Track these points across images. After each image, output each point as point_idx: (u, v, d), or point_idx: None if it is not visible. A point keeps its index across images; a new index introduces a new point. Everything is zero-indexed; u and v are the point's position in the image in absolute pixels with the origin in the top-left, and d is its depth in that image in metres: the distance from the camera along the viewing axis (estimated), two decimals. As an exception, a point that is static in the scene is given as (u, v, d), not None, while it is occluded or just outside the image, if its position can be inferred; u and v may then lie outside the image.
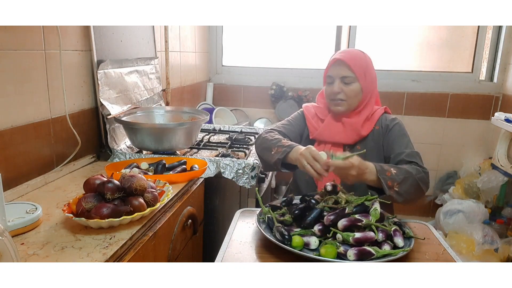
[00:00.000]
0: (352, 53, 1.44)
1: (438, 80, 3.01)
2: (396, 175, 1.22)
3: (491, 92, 2.92)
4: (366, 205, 1.12)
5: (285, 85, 3.12)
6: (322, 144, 1.47)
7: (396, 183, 1.21)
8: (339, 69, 1.41)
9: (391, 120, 1.46)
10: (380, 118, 1.47)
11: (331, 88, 1.42)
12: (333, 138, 1.45)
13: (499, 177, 2.52)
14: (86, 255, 0.90)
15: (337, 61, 1.41)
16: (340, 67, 1.41)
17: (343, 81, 1.41)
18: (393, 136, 1.42)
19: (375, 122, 1.46)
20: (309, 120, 1.53)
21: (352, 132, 1.43)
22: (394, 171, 1.23)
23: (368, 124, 1.45)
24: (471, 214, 2.51)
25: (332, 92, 1.42)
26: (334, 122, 1.46)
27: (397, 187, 1.20)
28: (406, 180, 1.22)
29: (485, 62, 2.95)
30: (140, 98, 1.95)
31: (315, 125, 1.50)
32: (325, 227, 1.06)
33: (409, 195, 1.23)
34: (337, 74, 1.41)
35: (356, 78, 1.40)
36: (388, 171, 1.22)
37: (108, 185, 1.04)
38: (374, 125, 1.46)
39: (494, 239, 2.33)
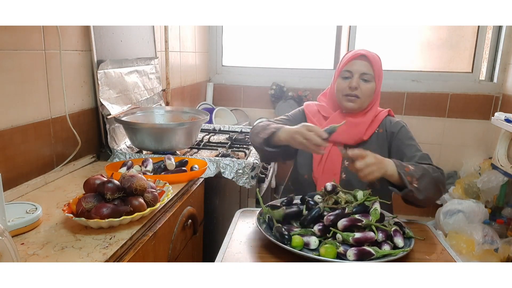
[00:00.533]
0: (373, 53, 1.42)
1: (438, 80, 3.01)
2: (414, 172, 1.20)
3: (491, 92, 2.92)
4: (366, 205, 1.12)
5: (285, 85, 3.12)
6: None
7: (415, 178, 1.18)
8: (360, 65, 1.38)
9: (396, 123, 1.44)
10: (384, 121, 1.45)
11: (348, 83, 1.39)
12: (335, 138, 1.40)
13: (499, 177, 2.52)
14: (86, 255, 0.90)
15: (360, 56, 1.38)
16: (362, 62, 1.38)
17: (362, 78, 1.38)
18: (401, 141, 1.40)
19: (378, 124, 1.44)
20: (309, 118, 1.50)
21: (356, 133, 1.41)
22: (412, 168, 1.21)
23: (371, 126, 1.43)
24: (471, 214, 2.51)
25: (349, 87, 1.38)
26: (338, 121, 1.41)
27: (416, 183, 1.18)
28: (424, 176, 1.20)
29: (485, 62, 2.95)
30: (140, 98, 1.95)
31: (317, 123, 1.46)
32: (325, 227, 1.06)
33: (428, 192, 1.20)
34: (358, 69, 1.38)
35: (373, 77, 1.39)
36: (406, 167, 1.20)
37: (108, 185, 1.04)
38: (377, 127, 1.44)
39: (494, 239, 2.33)
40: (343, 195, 1.17)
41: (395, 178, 1.19)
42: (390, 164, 1.20)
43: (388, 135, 1.43)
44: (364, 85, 1.38)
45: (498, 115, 2.38)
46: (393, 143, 1.41)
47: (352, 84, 1.38)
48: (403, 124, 1.44)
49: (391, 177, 1.19)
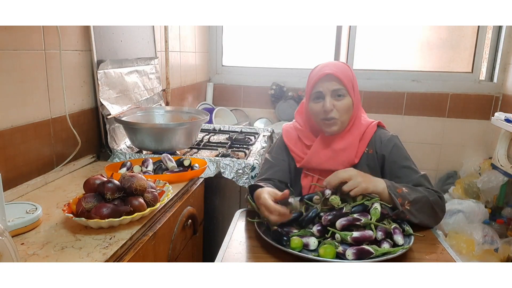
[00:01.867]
0: (338, 65, 1.31)
1: (438, 80, 3.01)
2: (407, 194, 1.14)
3: (491, 92, 2.92)
4: (366, 205, 1.12)
5: (285, 85, 3.13)
6: (311, 172, 1.34)
7: (407, 201, 1.13)
8: (329, 84, 1.27)
9: (387, 142, 1.31)
10: (373, 139, 1.32)
11: (321, 106, 1.27)
12: (323, 166, 1.31)
13: (499, 177, 2.52)
14: (86, 255, 0.90)
15: (327, 75, 1.26)
16: (330, 81, 1.27)
17: (334, 96, 1.27)
18: (395, 163, 1.29)
19: (366, 144, 1.32)
20: (291, 149, 1.37)
21: (344, 158, 1.30)
22: (406, 190, 1.15)
23: (360, 147, 1.31)
24: (471, 214, 2.51)
25: (323, 110, 1.27)
26: (323, 148, 1.31)
27: (409, 206, 1.13)
28: (418, 200, 1.15)
29: (485, 62, 2.95)
30: (140, 98, 1.95)
31: (300, 153, 1.35)
32: (323, 228, 1.06)
33: (423, 216, 1.16)
34: (327, 88, 1.27)
35: (347, 91, 1.27)
36: (399, 188, 1.15)
37: (108, 185, 1.04)
38: (366, 147, 1.32)
39: (494, 239, 2.33)
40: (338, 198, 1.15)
41: (386, 198, 1.15)
42: (379, 182, 1.15)
43: (378, 157, 1.31)
44: (338, 103, 1.27)
45: (498, 115, 2.38)
46: (386, 165, 1.30)
47: (326, 106, 1.26)
48: (395, 141, 1.31)
49: (380, 195, 1.15)
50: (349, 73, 1.31)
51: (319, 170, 1.32)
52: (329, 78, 1.27)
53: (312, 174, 1.34)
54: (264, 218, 1.13)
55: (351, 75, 1.32)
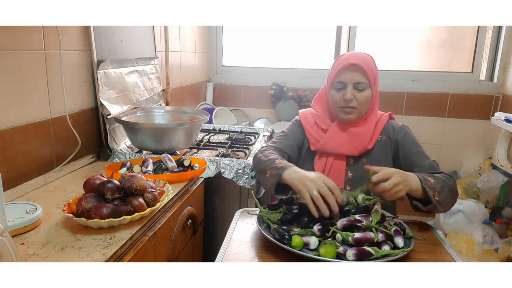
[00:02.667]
0: (364, 57, 1.33)
1: (438, 80, 3.01)
2: (435, 185, 1.16)
3: (491, 92, 2.92)
4: (367, 206, 1.12)
5: (285, 85, 3.12)
6: (324, 155, 1.37)
7: (437, 192, 1.15)
8: (353, 75, 1.29)
9: (399, 129, 1.37)
10: (386, 127, 1.38)
11: (342, 95, 1.31)
12: (338, 150, 1.34)
13: (499, 177, 2.52)
14: (86, 255, 0.90)
15: (351, 65, 1.28)
16: (354, 72, 1.29)
17: (356, 88, 1.30)
18: (408, 149, 1.34)
19: (380, 131, 1.37)
20: (308, 130, 1.41)
21: (359, 143, 1.34)
22: (433, 180, 1.17)
23: (374, 134, 1.36)
24: (471, 214, 2.51)
25: (344, 99, 1.30)
26: (339, 132, 1.35)
27: (438, 196, 1.15)
28: (443, 188, 1.17)
29: (485, 62, 2.95)
30: (140, 98, 1.95)
31: (316, 136, 1.38)
32: (324, 227, 1.06)
33: (447, 204, 1.19)
34: (351, 79, 1.29)
35: (369, 84, 1.30)
36: (428, 180, 1.17)
37: (108, 185, 1.04)
38: (380, 134, 1.37)
39: (494, 239, 2.33)
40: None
41: (419, 193, 1.15)
42: (414, 179, 1.16)
43: (392, 143, 1.37)
44: (359, 94, 1.30)
45: (498, 115, 2.38)
46: (400, 151, 1.35)
47: (346, 96, 1.29)
48: (406, 129, 1.38)
49: (415, 192, 1.15)
50: (373, 65, 1.35)
51: (334, 154, 1.36)
52: (354, 68, 1.30)
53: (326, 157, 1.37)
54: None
55: (375, 67, 1.36)
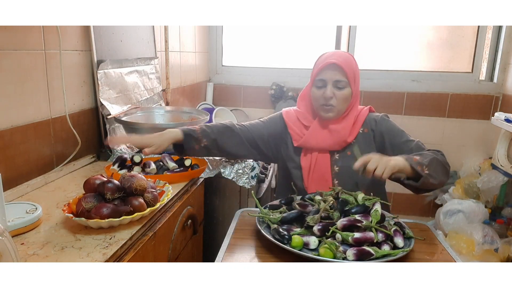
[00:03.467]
0: (344, 56, 1.37)
1: (438, 80, 3.00)
2: (422, 159, 1.21)
3: (491, 92, 2.92)
4: (367, 206, 1.12)
5: (285, 85, 3.12)
6: (309, 152, 1.42)
7: (424, 166, 1.19)
8: (332, 73, 1.34)
9: (380, 120, 1.42)
10: (367, 120, 1.43)
11: (322, 93, 1.36)
12: (320, 145, 1.40)
13: (499, 177, 2.52)
14: (86, 255, 0.90)
15: (331, 64, 1.34)
16: (334, 71, 1.34)
17: (335, 86, 1.35)
18: (393, 137, 1.39)
19: (361, 124, 1.42)
20: (290, 126, 1.46)
21: (339, 138, 1.39)
22: (418, 157, 1.22)
23: (354, 128, 1.41)
24: (471, 214, 2.51)
25: (323, 97, 1.36)
26: (320, 129, 1.41)
27: (427, 170, 1.19)
28: (431, 162, 1.21)
29: (485, 62, 2.95)
30: (140, 98, 1.95)
31: (299, 132, 1.44)
32: (324, 227, 1.06)
33: (439, 175, 1.22)
34: (330, 78, 1.34)
35: (348, 83, 1.35)
36: (413, 158, 1.21)
37: (108, 185, 1.04)
38: (361, 127, 1.42)
39: (494, 239, 2.32)
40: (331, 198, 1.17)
41: (408, 171, 1.20)
42: (398, 159, 1.20)
43: (376, 135, 1.41)
44: (339, 93, 1.35)
45: (498, 115, 2.38)
46: (386, 142, 1.39)
47: (326, 94, 1.34)
48: (387, 119, 1.43)
49: (404, 170, 1.19)
50: (353, 64, 1.38)
51: (317, 149, 1.41)
52: (333, 67, 1.34)
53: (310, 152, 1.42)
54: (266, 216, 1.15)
55: (355, 66, 1.39)
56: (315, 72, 1.38)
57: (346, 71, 1.33)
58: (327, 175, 1.39)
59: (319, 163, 1.40)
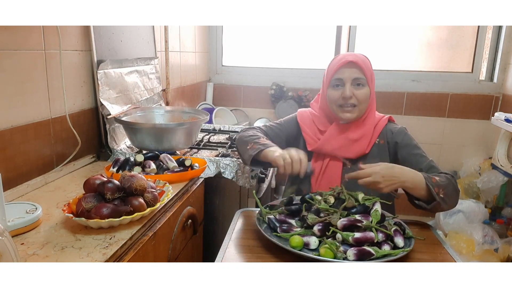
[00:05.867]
0: (360, 55, 1.35)
1: (438, 80, 3.01)
2: (440, 181, 1.16)
3: (491, 92, 2.92)
4: (367, 206, 1.12)
5: (285, 85, 3.12)
6: (321, 157, 1.38)
7: (441, 189, 1.15)
8: (350, 71, 1.30)
9: (398, 132, 1.36)
10: (384, 130, 1.38)
11: (340, 92, 1.31)
12: (335, 152, 1.35)
13: (499, 177, 2.52)
14: (86, 255, 0.90)
15: (349, 63, 1.30)
16: (352, 69, 1.30)
17: (354, 84, 1.31)
18: (407, 152, 1.33)
19: (378, 134, 1.37)
20: (304, 130, 1.41)
21: (356, 147, 1.34)
22: (437, 178, 1.17)
23: (372, 138, 1.36)
24: (471, 214, 2.51)
25: (343, 97, 1.30)
26: (337, 135, 1.35)
27: (442, 194, 1.14)
28: (448, 186, 1.17)
29: (485, 62, 2.95)
30: (140, 98, 1.95)
31: (313, 137, 1.39)
32: (324, 227, 1.06)
33: (451, 201, 1.18)
34: (349, 76, 1.30)
35: (366, 81, 1.31)
36: (433, 178, 1.17)
37: (108, 185, 1.04)
38: (377, 138, 1.37)
39: (494, 239, 2.33)
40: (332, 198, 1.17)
41: (422, 191, 1.15)
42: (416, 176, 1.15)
43: (391, 147, 1.36)
44: (358, 91, 1.31)
45: (498, 115, 2.38)
46: (399, 153, 1.34)
47: (345, 93, 1.29)
48: (405, 131, 1.37)
49: (417, 188, 1.15)
50: (369, 64, 1.35)
51: (330, 156, 1.36)
52: (351, 65, 1.31)
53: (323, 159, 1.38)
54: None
55: (371, 67, 1.36)
56: (331, 72, 1.34)
57: (364, 69, 1.30)
58: (336, 183, 1.34)
59: (329, 170, 1.36)
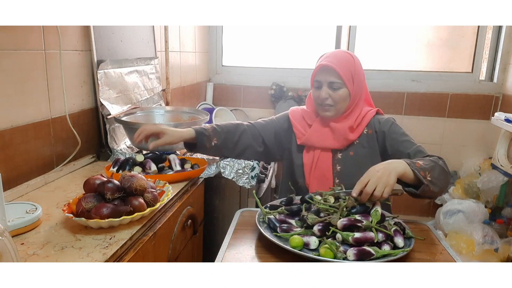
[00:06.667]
0: (339, 57, 1.37)
1: (438, 80, 3.01)
2: (425, 165, 1.18)
3: (491, 92, 2.92)
4: (367, 206, 1.12)
5: (285, 85, 3.12)
6: (312, 149, 1.43)
7: (427, 172, 1.16)
8: (326, 75, 1.36)
9: (385, 122, 1.41)
10: (372, 121, 1.42)
11: (319, 93, 1.38)
12: (321, 143, 1.41)
13: (499, 177, 2.52)
14: (86, 255, 0.90)
15: (323, 66, 1.36)
16: (327, 72, 1.36)
17: (330, 87, 1.36)
18: (395, 139, 1.38)
19: (365, 125, 1.41)
20: (294, 125, 1.48)
21: (340, 136, 1.39)
22: (421, 162, 1.19)
23: (358, 128, 1.40)
24: (471, 214, 2.51)
25: (320, 98, 1.38)
26: (321, 127, 1.42)
27: (430, 176, 1.16)
28: (434, 167, 1.19)
29: (485, 62, 2.95)
30: (140, 98, 1.95)
31: (302, 130, 1.46)
32: (324, 227, 1.06)
33: (440, 183, 1.19)
34: (325, 79, 1.36)
35: (343, 83, 1.35)
36: (416, 163, 1.18)
37: (108, 185, 1.04)
38: (364, 128, 1.41)
39: (494, 239, 2.33)
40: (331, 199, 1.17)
41: (410, 177, 1.16)
42: (399, 163, 1.16)
43: (379, 136, 1.40)
44: (334, 93, 1.36)
45: (498, 115, 2.38)
46: (387, 142, 1.38)
47: (321, 95, 1.37)
48: (392, 120, 1.42)
49: (405, 176, 1.15)
50: (349, 65, 1.37)
51: (319, 148, 1.42)
52: (327, 69, 1.36)
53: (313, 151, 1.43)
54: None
55: (352, 66, 1.38)
56: (313, 73, 1.41)
57: (339, 73, 1.34)
58: (328, 173, 1.40)
59: (320, 161, 1.41)
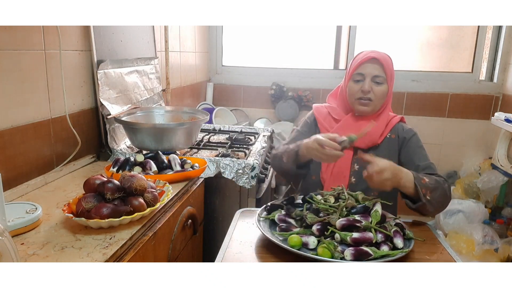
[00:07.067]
0: (383, 53, 1.40)
1: (438, 80, 3.01)
2: (429, 183, 1.19)
3: (491, 92, 2.92)
4: (367, 206, 1.12)
5: (285, 85, 3.12)
6: None
7: (429, 191, 1.18)
8: (372, 68, 1.37)
9: (409, 131, 1.43)
10: (396, 127, 1.43)
11: (360, 86, 1.37)
12: None
13: (499, 177, 2.52)
14: (86, 255, 0.90)
15: (372, 59, 1.37)
16: (373, 65, 1.37)
17: (374, 81, 1.37)
18: (411, 148, 1.39)
19: (390, 129, 1.42)
20: (320, 121, 1.47)
21: (368, 137, 1.37)
22: (427, 180, 1.20)
23: (384, 131, 1.41)
24: (471, 214, 2.51)
25: (361, 91, 1.37)
26: (351, 124, 1.41)
27: (429, 196, 1.18)
28: (436, 189, 1.20)
29: (485, 62, 2.95)
30: (140, 98, 1.95)
31: (327, 126, 1.45)
32: (323, 227, 1.06)
33: (438, 204, 1.21)
34: (370, 72, 1.36)
35: (386, 79, 1.37)
36: (422, 179, 1.20)
37: (108, 185, 1.04)
38: (389, 132, 1.42)
39: (494, 239, 2.33)
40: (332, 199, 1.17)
41: (411, 190, 1.18)
42: (408, 175, 1.18)
43: (399, 141, 1.41)
44: (376, 88, 1.37)
45: (498, 115, 2.39)
46: (403, 148, 1.40)
47: (364, 87, 1.36)
48: (415, 132, 1.43)
49: (406, 188, 1.18)
50: (390, 64, 1.41)
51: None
52: (373, 62, 1.37)
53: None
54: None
55: (392, 66, 1.42)
56: (354, 66, 1.40)
57: (384, 67, 1.36)
58: (346, 171, 1.38)
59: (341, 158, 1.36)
